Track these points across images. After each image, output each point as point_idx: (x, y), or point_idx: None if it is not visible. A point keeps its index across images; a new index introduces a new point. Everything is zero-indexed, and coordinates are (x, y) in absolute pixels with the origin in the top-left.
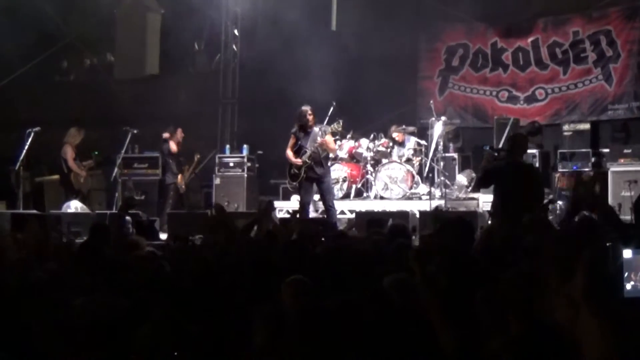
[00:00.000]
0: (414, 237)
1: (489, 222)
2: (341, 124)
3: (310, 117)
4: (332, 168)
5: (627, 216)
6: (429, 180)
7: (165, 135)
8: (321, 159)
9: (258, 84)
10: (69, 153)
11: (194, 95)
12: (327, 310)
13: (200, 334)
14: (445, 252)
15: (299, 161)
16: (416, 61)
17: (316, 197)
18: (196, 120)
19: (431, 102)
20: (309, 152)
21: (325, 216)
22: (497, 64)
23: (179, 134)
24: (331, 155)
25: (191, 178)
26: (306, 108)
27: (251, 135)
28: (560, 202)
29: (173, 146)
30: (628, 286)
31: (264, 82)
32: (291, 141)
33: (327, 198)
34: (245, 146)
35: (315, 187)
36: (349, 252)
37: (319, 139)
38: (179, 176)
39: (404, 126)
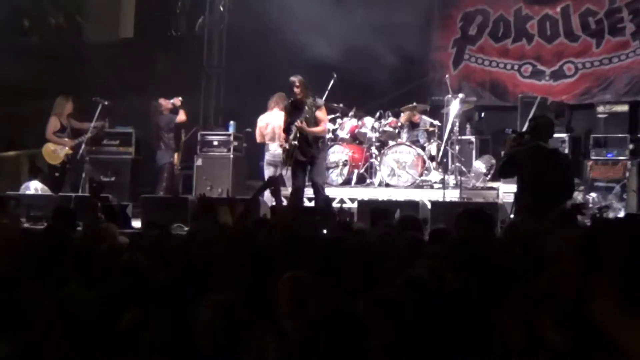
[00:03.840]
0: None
1: (511, 216)
2: (321, 101)
3: (297, 90)
4: (331, 150)
5: None
6: (443, 166)
7: (175, 101)
8: (310, 139)
9: (248, 52)
10: (50, 124)
11: (174, 63)
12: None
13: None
14: (460, 246)
15: (284, 143)
16: (429, 29)
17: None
18: (176, 92)
19: (447, 76)
20: (294, 131)
21: (314, 201)
22: (521, 34)
23: (165, 103)
24: (319, 136)
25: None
26: (294, 78)
27: (239, 110)
28: (594, 195)
29: (183, 116)
30: None
31: (256, 50)
32: (284, 117)
33: (314, 181)
34: (231, 123)
35: (307, 170)
36: (354, 246)
37: (298, 122)
38: (176, 154)
39: (414, 104)
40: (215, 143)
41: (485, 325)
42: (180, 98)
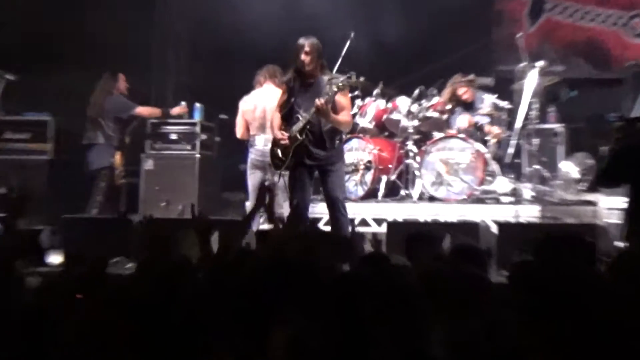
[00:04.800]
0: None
1: (621, 244)
2: (353, 77)
3: (307, 59)
4: (346, 146)
5: None
6: (514, 169)
7: (177, 110)
8: (324, 133)
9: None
10: None
11: (118, 21)
12: None
13: None
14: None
15: (283, 136)
16: None
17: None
18: (120, 62)
19: (519, 35)
20: (302, 121)
21: (331, 228)
22: None
23: (123, 79)
24: (342, 129)
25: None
26: (303, 42)
27: (209, 87)
28: None
29: (150, 110)
30: None
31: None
32: (281, 96)
33: (334, 198)
34: (197, 106)
35: (314, 179)
36: (383, 288)
37: (318, 100)
38: (118, 155)
39: (472, 76)
40: (174, 137)
41: None
42: (184, 105)
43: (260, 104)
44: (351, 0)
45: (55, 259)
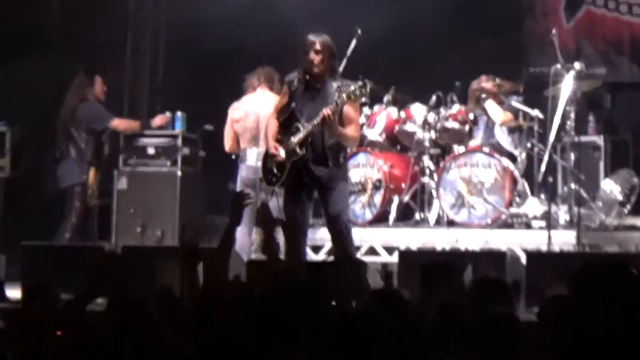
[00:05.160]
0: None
1: None
2: (367, 86)
3: (317, 59)
4: (352, 162)
5: None
6: (547, 188)
7: (158, 120)
8: (327, 148)
9: None
10: None
11: (80, 6)
12: None
13: None
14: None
15: (277, 151)
16: None
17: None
18: (88, 58)
19: (553, 31)
20: (303, 132)
21: (334, 250)
22: None
23: (100, 82)
24: (348, 144)
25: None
26: (313, 38)
27: (192, 92)
28: None
29: (127, 124)
30: None
31: None
32: (281, 99)
33: (335, 214)
34: (179, 114)
35: (313, 199)
36: (395, 330)
37: (325, 110)
38: (92, 171)
39: (498, 80)
40: (151, 151)
41: None
42: (168, 115)
43: (253, 112)
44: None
45: (12, 293)
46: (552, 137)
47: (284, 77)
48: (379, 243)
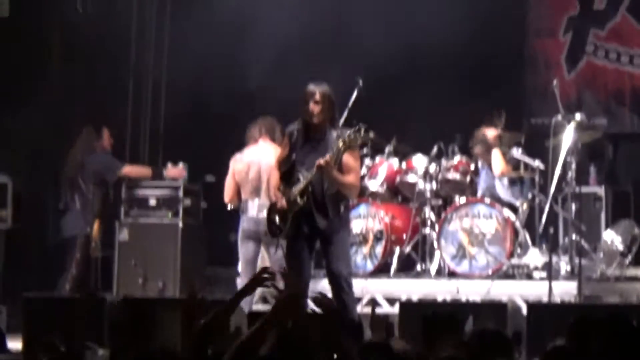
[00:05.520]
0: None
1: None
2: (362, 130)
3: (316, 109)
4: (353, 213)
5: None
6: (548, 239)
7: (174, 172)
8: (327, 197)
9: (209, 44)
10: None
11: (82, 58)
12: None
13: None
14: None
15: (279, 198)
16: (523, 2)
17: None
18: (82, 109)
19: (554, 82)
20: (303, 182)
21: (336, 307)
22: None
23: (107, 135)
24: (349, 193)
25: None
26: (313, 88)
27: (193, 143)
28: None
29: (138, 170)
30: None
31: (225, 35)
32: (282, 150)
33: (337, 273)
34: (181, 165)
35: (315, 250)
36: None
37: (321, 159)
38: (96, 223)
39: (500, 130)
40: (152, 202)
41: None
42: (182, 167)
43: (255, 164)
44: (357, 40)
45: (13, 344)
46: (553, 188)
47: (285, 127)
48: (380, 294)
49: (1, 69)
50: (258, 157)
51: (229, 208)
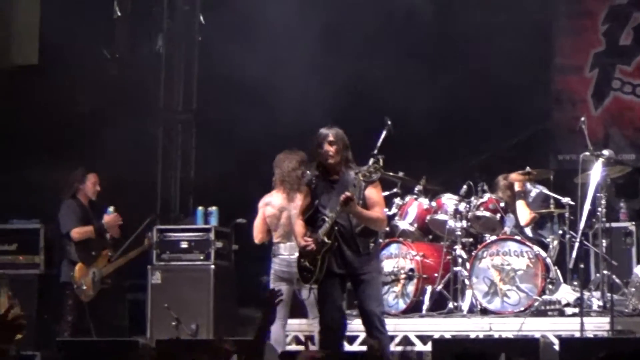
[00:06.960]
0: None
1: None
2: (380, 161)
3: (331, 151)
4: (384, 252)
5: None
6: (579, 275)
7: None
8: (355, 235)
9: (238, 85)
10: None
11: (109, 102)
12: None
13: None
14: None
15: (308, 242)
16: (549, 36)
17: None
18: (115, 156)
19: (582, 119)
20: (329, 222)
21: (366, 345)
22: None
23: (92, 181)
24: (376, 228)
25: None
26: (326, 131)
27: (224, 187)
28: None
29: (117, 219)
30: None
31: (250, 82)
32: (304, 200)
33: (369, 312)
34: (213, 209)
35: (346, 290)
36: None
37: (344, 194)
38: (77, 267)
39: (528, 169)
40: (184, 245)
41: None
42: (117, 215)
43: (286, 209)
44: (385, 82)
45: None
46: (582, 223)
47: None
48: (413, 332)
49: (29, 116)
50: (288, 204)
51: (257, 242)
